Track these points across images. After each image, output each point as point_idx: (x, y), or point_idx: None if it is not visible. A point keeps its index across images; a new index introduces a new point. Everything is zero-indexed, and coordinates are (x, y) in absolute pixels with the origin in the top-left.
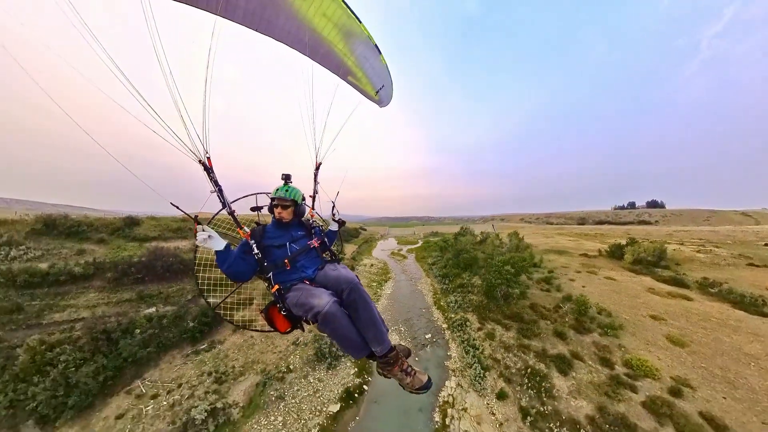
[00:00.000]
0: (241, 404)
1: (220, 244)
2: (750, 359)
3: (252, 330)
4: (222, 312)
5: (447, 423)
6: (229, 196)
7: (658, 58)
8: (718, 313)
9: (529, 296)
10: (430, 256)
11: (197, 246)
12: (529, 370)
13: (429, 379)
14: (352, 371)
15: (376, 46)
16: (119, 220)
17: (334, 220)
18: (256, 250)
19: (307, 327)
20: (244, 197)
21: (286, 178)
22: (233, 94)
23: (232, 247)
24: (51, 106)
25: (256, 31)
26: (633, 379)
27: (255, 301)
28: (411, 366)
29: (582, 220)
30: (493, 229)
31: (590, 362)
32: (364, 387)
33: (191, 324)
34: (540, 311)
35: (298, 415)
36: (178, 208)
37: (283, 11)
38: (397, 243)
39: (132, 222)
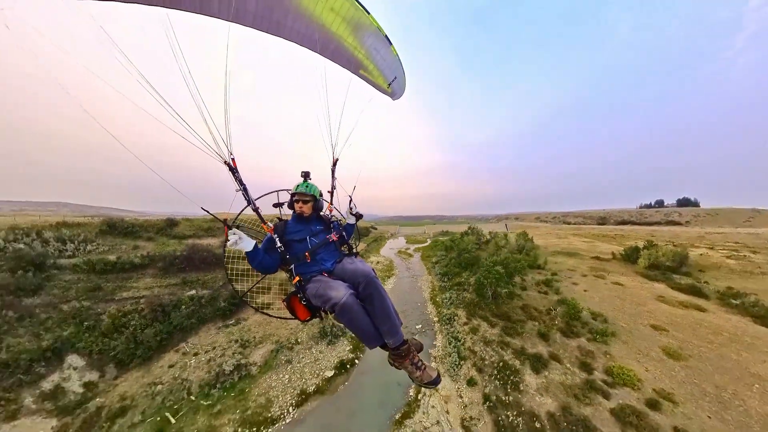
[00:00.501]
0: (258, 364)
1: (249, 245)
2: (755, 380)
3: (273, 317)
4: (248, 299)
5: (419, 398)
6: (252, 194)
7: (696, 34)
8: (732, 327)
9: (524, 297)
10: (435, 255)
11: (226, 246)
12: (502, 364)
13: (438, 375)
14: (348, 348)
15: (386, 37)
16: (161, 222)
17: (351, 213)
18: (279, 244)
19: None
20: (267, 194)
21: (306, 175)
22: (251, 98)
23: (258, 245)
24: (90, 121)
25: (267, 33)
26: (609, 386)
27: (273, 289)
28: (422, 360)
29: (602, 220)
30: (506, 229)
31: (568, 365)
32: (356, 361)
33: (223, 304)
34: (530, 312)
35: (300, 376)
36: (208, 212)
37: (290, 11)
38: (406, 242)
39: (172, 223)
